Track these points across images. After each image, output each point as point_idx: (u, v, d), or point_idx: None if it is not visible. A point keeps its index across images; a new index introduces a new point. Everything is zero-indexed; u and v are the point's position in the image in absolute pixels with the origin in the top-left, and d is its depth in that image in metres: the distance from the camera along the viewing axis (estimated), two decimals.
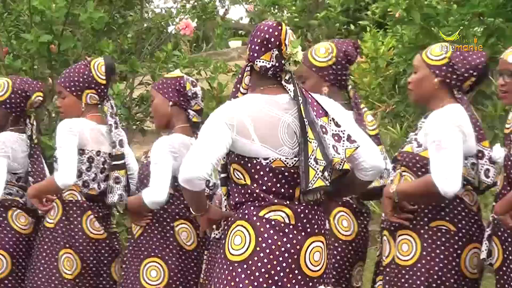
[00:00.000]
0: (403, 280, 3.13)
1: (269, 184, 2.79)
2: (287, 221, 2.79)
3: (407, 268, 3.12)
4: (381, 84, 5.81)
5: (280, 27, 2.84)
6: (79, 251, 3.72)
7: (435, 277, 3.08)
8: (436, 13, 5.11)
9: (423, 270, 3.09)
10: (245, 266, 2.77)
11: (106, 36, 5.13)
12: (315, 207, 2.84)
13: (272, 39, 2.83)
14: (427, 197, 3.08)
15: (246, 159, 2.79)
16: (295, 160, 2.79)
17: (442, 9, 5.08)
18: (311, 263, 2.81)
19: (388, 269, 3.19)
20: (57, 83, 3.82)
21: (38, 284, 3.72)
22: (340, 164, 2.78)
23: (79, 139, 3.69)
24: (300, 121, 2.79)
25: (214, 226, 3.13)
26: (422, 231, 3.12)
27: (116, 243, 3.84)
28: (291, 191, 2.81)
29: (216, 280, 2.83)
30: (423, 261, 3.10)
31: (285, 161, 2.79)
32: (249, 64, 2.88)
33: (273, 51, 2.83)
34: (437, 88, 3.15)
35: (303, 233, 2.80)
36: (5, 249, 3.84)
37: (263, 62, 2.84)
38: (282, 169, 2.79)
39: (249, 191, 2.80)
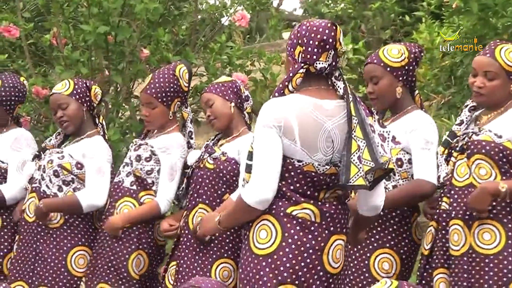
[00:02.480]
0: (486, 269, 3.15)
1: (297, 185, 2.85)
2: (313, 219, 2.85)
3: (491, 257, 3.15)
4: (436, 75, 5.75)
5: (335, 27, 2.87)
6: (149, 253, 3.82)
7: None
8: (495, 3, 5.01)
9: (510, 258, 3.12)
10: (269, 260, 2.83)
11: (161, 27, 5.17)
12: (339, 206, 2.90)
13: (330, 40, 2.86)
14: None
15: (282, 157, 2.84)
16: (326, 168, 2.84)
17: None
18: (333, 261, 2.87)
19: (465, 258, 3.20)
20: (145, 94, 3.86)
21: (110, 278, 3.78)
22: (386, 163, 2.82)
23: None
24: (348, 118, 2.81)
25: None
26: (505, 220, 3.16)
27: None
28: (316, 193, 2.86)
29: (240, 271, 2.90)
30: (510, 250, 3.13)
31: (317, 167, 2.84)
32: (304, 66, 2.87)
33: (330, 51, 2.87)
34: None
35: (326, 231, 2.86)
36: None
37: (322, 63, 2.87)
38: (312, 174, 2.85)
39: (277, 186, 2.85)
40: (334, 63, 2.89)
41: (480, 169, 3.21)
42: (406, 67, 3.51)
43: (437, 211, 3.36)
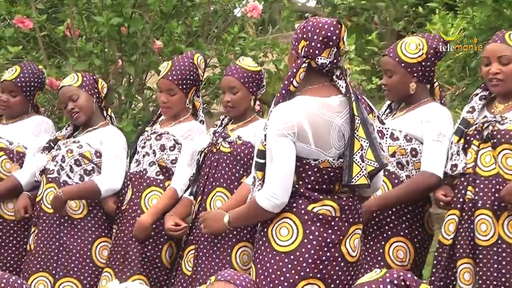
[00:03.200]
0: None
1: (314, 183, 2.93)
2: (333, 214, 2.93)
3: None
4: (450, 67, 5.72)
5: (340, 25, 2.95)
6: (176, 242, 3.88)
7: None
8: None
9: None
10: (292, 257, 2.91)
11: (174, 18, 5.17)
12: (354, 197, 3.00)
13: (334, 37, 2.93)
14: None
15: (296, 158, 2.93)
16: (340, 162, 2.93)
17: None
18: (352, 249, 2.96)
19: (494, 249, 3.19)
20: (166, 80, 3.89)
21: (145, 268, 3.81)
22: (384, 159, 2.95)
23: None
24: (350, 117, 2.91)
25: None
26: None
27: None
28: (331, 186, 2.95)
29: (259, 266, 2.96)
30: None
31: (332, 162, 2.94)
32: (306, 61, 2.94)
33: (333, 48, 2.93)
34: None
35: (346, 224, 2.96)
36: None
37: (323, 59, 2.94)
38: (329, 169, 2.94)
39: (294, 187, 2.94)
40: (335, 61, 2.96)
41: (508, 159, 3.21)
42: (423, 63, 3.50)
43: (460, 200, 3.34)
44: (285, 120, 2.91)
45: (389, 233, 3.46)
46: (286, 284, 2.89)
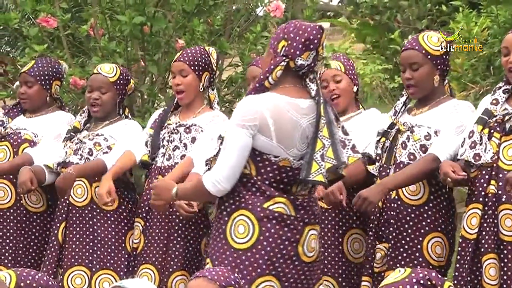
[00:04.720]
0: None
1: (272, 179, 3.00)
2: (288, 213, 3.00)
3: None
4: (473, 65, 5.69)
5: (322, 31, 3.03)
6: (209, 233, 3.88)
7: None
8: None
9: None
10: (249, 254, 2.99)
11: (196, 17, 5.19)
12: (310, 198, 3.06)
13: (315, 41, 3.01)
14: None
15: (257, 152, 3.00)
16: (300, 163, 3.00)
17: None
18: (308, 250, 3.03)
19: None
20: (177, 62, 3.91)
21: (187, 264, 3.83)
22: (340, 168, 3.03)
23: None
24: (316, 118, 2.98)
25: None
26: None
27: None
28: (288, 187, 3.01)
29: (216, 264, 3.02)
30: None
31: (292, 162, 3.01)
32: (286, 60, 3.00)
33: (312, 52, 3.01)
34: None
35: (302, 223, 3.02)
36: None
37: (302, 60, 3.01)
38: (288, 168, 3.01)
39: (251, 181, 3.01)
40: (312, 65, 3.03)
41: None
42: (444, 56, 3.51)
43: (482, 193, 3.29)
44: (248, 112, 2.98)
45: (427, 228, 3.42)
46: (243, 281, 2.96)
